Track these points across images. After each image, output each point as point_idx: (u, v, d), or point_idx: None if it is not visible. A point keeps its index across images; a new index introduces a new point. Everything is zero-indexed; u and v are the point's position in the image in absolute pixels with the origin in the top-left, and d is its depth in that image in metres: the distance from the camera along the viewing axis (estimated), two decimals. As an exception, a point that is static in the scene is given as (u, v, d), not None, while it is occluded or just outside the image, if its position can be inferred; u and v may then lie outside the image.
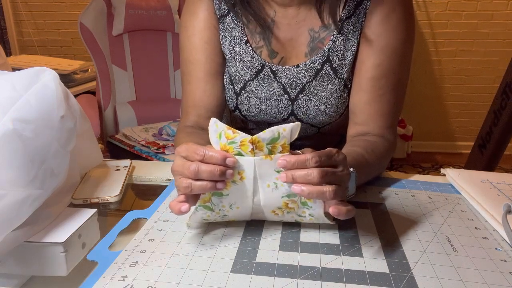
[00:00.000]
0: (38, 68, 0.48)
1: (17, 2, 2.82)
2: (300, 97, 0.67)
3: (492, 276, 0.39)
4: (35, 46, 2.90)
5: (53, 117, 0.47)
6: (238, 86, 0.69)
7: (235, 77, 0.69)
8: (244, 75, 0.68)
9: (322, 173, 0.40)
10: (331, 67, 0.65)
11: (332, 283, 0.38)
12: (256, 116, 0.70)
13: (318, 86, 0.66)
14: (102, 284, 0.37)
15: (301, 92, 0.67)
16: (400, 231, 0.47)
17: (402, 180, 0.61)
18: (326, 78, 0.66)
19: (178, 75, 1.90)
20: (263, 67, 0.67)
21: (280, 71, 0.67)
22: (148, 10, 1.76)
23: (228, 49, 0.68)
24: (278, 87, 0.67)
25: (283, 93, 0.68)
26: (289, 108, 0.68)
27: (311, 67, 0.65)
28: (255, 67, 0.67)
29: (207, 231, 0.47)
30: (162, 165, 0.70)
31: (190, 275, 0.39)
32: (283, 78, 0.67)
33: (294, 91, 0.67)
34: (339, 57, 0.65)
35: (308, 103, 0.67)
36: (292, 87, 0.67)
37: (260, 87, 0.68)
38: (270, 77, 0.67)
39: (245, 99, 0.69)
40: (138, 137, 1.52)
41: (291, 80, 0.67)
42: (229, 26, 0.68)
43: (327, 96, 0.66)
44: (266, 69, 0.67)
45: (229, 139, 0.41)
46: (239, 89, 0.69)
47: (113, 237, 0.46)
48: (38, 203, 0.45)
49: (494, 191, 0.56)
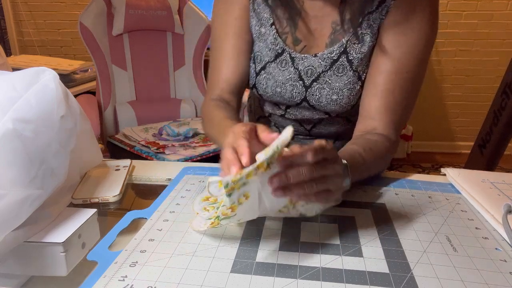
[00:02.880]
0: (38, 68, 0.48)
1: (17, 2, 2.82)
2: (314, 85, 0.69)
3: (492, 276, 0.39)
4: (35, 46, 2.90)
5: (53, 117, 0.47)
6: (259, 66, 0.71)
7: (257, 56, 0.71)
8: (265, 56, 0.70)
9: (310, 171, 0.40)
10: (347, 59, 0.66)
11: (332, 283, 0.38)
12: (271, 97, 0.72)
13: (332, 76, 0.67)
14: (102, 284, 0.37)
15: (315, 80, 0.68)
16: (400, 231, 0.47)
17: (402, 180, 0.61)
18: (342, 69, 0.67)
19: (178, 75, 1.90)
20: (283, 51, 0.69)
21: (298, 58, 0.68)
22: (148, 10, 1.76)
23: (254, 29, 0.71)
24: (294, 73, 0.69)
25: (298, 79, 0.69)
26: (303, 94, 0.70)
27: (328, 57, 0.67)
28: (275, 50, 0.69)
29: (207, 231, 0.47)
30: (162, 165, 0.70)
31: (190, 275, 0.39)
32: (300, 65, 0.69)
33: (309, 79, 0.69)
34: (355, 50, 0.65)
35: (321, 91, 0.68)
36: (307, 74, 0.69)
37: (277, 70, 0.70)
38: (288, 62, 0.69)
39: (263, 79, 0.71)
40: (138, 137, 1.52)
41: (307, 67, 0.68)
42: (259, 7, 0.70)
43: (340, 86, 0.67)
44: (285, 54, 0.69)
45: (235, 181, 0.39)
46: (259, 69, 0.71)
47: (113, 237, 0.46)
48: (38, 203, 0.45)
49: (494, 190, 0.56)
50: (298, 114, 0.74)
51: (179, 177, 0.62)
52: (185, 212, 0.51)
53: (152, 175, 0.64)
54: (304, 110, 0.73)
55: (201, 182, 0.60)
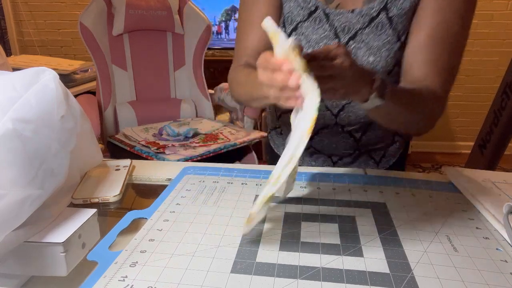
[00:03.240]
0: (38, 68, 0.48)
1: (17, 2, 2.82)
2: (351, 43, 0.65)
3: (493, 276, 0.39)
4: (35, 46, 2.90)
5: (53, 117, 0.46)
6: (290, 28, 0.68)
7: (287, 18, 0.68)
8: (297, 16, 0.67)
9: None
10: (387, 16, 0.63)
11: (333, 283, 0.38)
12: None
13: (370, 35, 0.64)
14: (102, 284, 0.37)
15: (352, 39, 0.65)
16: (400, 230, 0.47)
17: (403, 179, 0.61)
18: (381, 27, 0.63)
19: (178, 75, 1.90)
20: (317, 8, 0.65)
21: (334, 14, 0.64)
22: (148, 10, 1.76)
23: None
24: (329, 30, 0.65)
25: (334, 37, 0.65)
26: None
27: (366, 14, 0.63)
28: (308, 8, 0.65)
29: (207, 231, 0.47)
30: (162, 165, 0.70)
31: (190, 275, 0.39)
32: (336, 22, 0.65)
33: (345, 37, 0.65)
34: (397, 7, 0.62)
35: (358, 51, 0.65)
36: (344, 31, 0.65)
37: (311, 29, 0.66)
38: (322, 19, 0.65)
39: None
40: (138, 137, 1.52)
41: (343, 24, 0.64)
42: None
43: (378, 46, 0.64)
44: (319, 11, 0.65)
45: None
46: (289, 30, 0.68)
47: (113, 237, 0.46)
48: (38, 203, 0.45)
49: (495, 190, 0.56)
50: None
51: (179, 177, 0.62)
52: (185, 212, 0.51)
53: (152, 175, 0.64)
54: None
55: (201, 182, 0.60)
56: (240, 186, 0.59)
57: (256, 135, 1.57)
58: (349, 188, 0.58)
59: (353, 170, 0.65)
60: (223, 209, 0.52)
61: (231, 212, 0.51)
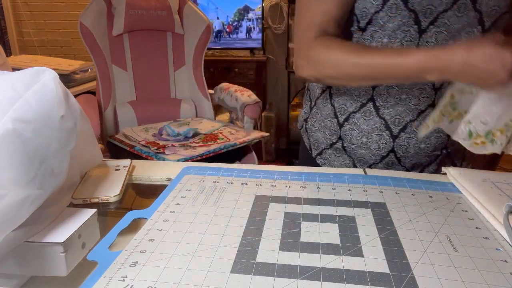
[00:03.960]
0: (38, 68, 0.48)
1: (17, 2, 2.82)
2: (431, 28, 0.61)
3: (493, 276, 0.39)
4: (35, 46, 2.90)
5: (53, 117, 0.46)
6: (364, 22, 0.64)
7: (361, 15, 0.64)
8: (370, 8, 0.62)
9: None
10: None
11: (333, 284, 0.38)
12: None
13: (452, 18, 0.60)
14: (102, 284, 0.37)
15: (432, 23, 0.61)
16: (400, 230, 0.47)
17: (403, 179, 0.61)
18: (463, 8, 0.59)
19: (178, 75, 1.90)
20: None
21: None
22: (148, 10, 1.76)
23: None
24: (408, 16, 0.61)
25: (414, 23, 0.61)
26: (415, 41, 0.62)
27: None
28: None
29: (207, 231, 0.47)
30: (162, 165, 0.70)
31: (190, 275, 0.39)
32: (417, 5, 0.59)
33: (426, 21, 0.61)
34: None
35: (438, 36, 0.61)
36: (425, 15, 0.60)
37: (386, 18, 0.62)
38: (399, 5, 0.60)
39: (368, 35, 0.64)
40: (138, 137, 1.52)
41: (426, 7, 0.59)
42: None
43: (458, 29, 0.61)
44: None
45: None
46: (364, 25, 0.65)
47: (113, 237, 0.46)
48: (38, 203, 0.45)
49: (495, 190, 0.56)
50: None
51: (179, 177, 0.62)
52: (185, 212, 0.51)
53: (152, 175, 0.64)
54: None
55: (201, 182, 0.60)
56: (240, 186, 0.59)
57: (256, 135, 1.57)
58: (349, 188, 0.58)
59: (353, 170, 0.65)
60: (223, 209, 0.52)
61: (231, 212, 0.51)
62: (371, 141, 0.70)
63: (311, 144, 0.80)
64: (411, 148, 0.68)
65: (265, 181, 0.60)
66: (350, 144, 0.73)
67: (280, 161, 2.95)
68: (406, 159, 0.71)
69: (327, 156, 0.77)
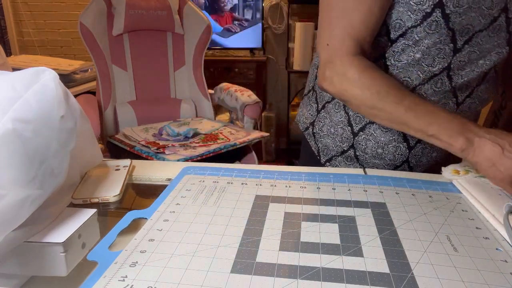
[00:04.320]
0: (38, 68, 0.48)
1: (17, 2, 2.82)
2: (465, 47, 0.60)
3: (493, 276, 0.39)
4: (35, 46, 2.90)
5: (53, 117, 0.46)
6: (396, 34, 0.62)
7: (394, 24, 0.62)
8: (407, 21, 0.60)
9: None
10: (506, 17, 0.59)
11: (333, 283, 0.38)
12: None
13: (485, 37, 0.60)
14: (102, 284, 0.37)
15: (467, 42, 0.60)
16: (400, 230, 0.47)
17: (403, 179, 0.61)
18: (498, 28, 0.60)
19: (178, 75, 1.90)
20: (433, 10, 0.58)
21: (456, 14, 0.57)
22: (148, 10, 1.76)
23: None
24: (446, 34, 0.59)
25: (450, 41, 0.60)
26: (448, 59, 0.61)
27: (489, 14, 0.58)
28: (423, 10, 0.58)
29: (207, 231, 0.47)
30: (162, 165, 0.70)
31: (190, 275, 0.39)
32: (457, 24, 0.58)
33: (461, 40, 0.60)
34: None
35: (471, 55, 0.61)
36: (462, 34, 0.59)
37: (423, 34, 0.60)
38: (439, 22, 0.58)
39: (399, 47, 0.62)
40: (138, 137, 1.52)
41: (466, 26, 0.58)
42: None
43: (488, 49, 0.60)
44: (436, 13, 0.58)
45: None
46: (396, 36, 0.62)
47: (113, 237, 0.46)
48: (38, 203, 0.45)
49: (495, 190, 0.56)
50: (467, 69, 0.62)
51: (179, 177, 0.62)
52: (185, 212, 0.51)
53: (152, 175, 0.64)
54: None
55: (201, 182, 0.60)
56: (240, 186, 0.59)
57: (256, 135, 1.57)
58: (349, 188, 0.58)
59: (353, 170, 0.65)
60: (223, 209, 0.52)
61: (231, 212, 0.51)
62: (387, 152, 0.69)
63: (319, 150, 0.77)
64: (424, 157, 0.68)
65: (265, 181, 0.60)
66: (364, 153, 0.71)
67: (280, 161, 2.95)
68: (418, 167, 0.71)
69: (337, 163, 0.75)
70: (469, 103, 0.67)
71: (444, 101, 0.65)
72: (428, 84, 0.64)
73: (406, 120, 0.57)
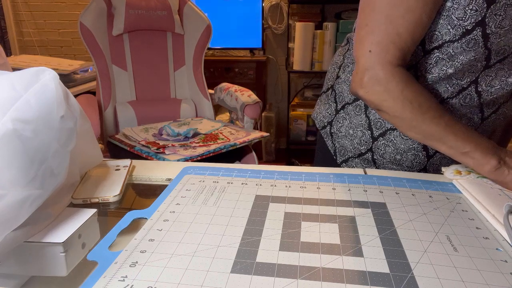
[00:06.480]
0: (38, 68, 0.48)
1: (17, 2, 2.82)
2: (496, 65, 0.60)
3: (493, 276, 0.39)
4: (35, 46, 2.90)
5: (53, 117, 0.46)
6: (431, 45, 0.61)
7: (431, 35, 0.60)
8: (445, 35, 0.59)
9: None
10: None
11: (333, 284, 0.38)
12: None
13: None
14: (102, 284, 0.37)
15: (500, 61, 0.60)
16: (400, 230, 0.47)
17: (403, 179, 0.61)
18: None
19: (178, 75, 1.90)
20: (474, 28, 0.57)
21: (497, 35, 0.56)
22: (148, 10, 1.76)
23: None
24: (483, 53, 0.59)
25: (484, 60, 0.59)
26: (477, 74, 0.61)
27: None
28: (463, 27, 0.57)
29: (207, 231, 0.47)
30: (162, 165, 0.70)
31: (190, 275, 0.39)
32: (495, 45, 0.57)
33: (495, 59, 0.59)
34: None
35: (499, 72, 0.61)
36: (498, 54, 0.59)
37: (460, 50, 0.59)
38: (479, 41, 0.57)
39: (433, 60, 0.62)
40: (138, 137, 1.52)
41: (503, 47, 0.58)
42: None
43: None
44: (477, 31, 0.57)
45: None
46: (431, 48, 0.61)
47: (113, 237, 0.46)
48: (38, 203, 0.45)
49: (495, 190, 0.56)
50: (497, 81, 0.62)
51: (179, 177, 0.62)
52: (185, 212, 0.51)
53: (152, 175, 0.64)
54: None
55: (201, 182, 0.60)
56: (240, 186, 0.59)
57: (256, 135, 1.57)
58: (349, 188, 0.58)
59: (353, 170, 0.65)
60: (223, 209, 0.52)
61: (231, 212, 0.51)
62: (405, 159, 0.70)
63: (336, 150, 0.77)
64: (442, 167, 0.68)
65: (265, 181, 0.60)
66: (382, 158, 0.71)
67: (280, 161, 2.95)
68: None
69: (354, 165, 0.75)
70: (494, 119, 0.67)
71: (469, 115, 0.65)
72: (456, 98, 0.63)
73: (443, 136, 0.57)
